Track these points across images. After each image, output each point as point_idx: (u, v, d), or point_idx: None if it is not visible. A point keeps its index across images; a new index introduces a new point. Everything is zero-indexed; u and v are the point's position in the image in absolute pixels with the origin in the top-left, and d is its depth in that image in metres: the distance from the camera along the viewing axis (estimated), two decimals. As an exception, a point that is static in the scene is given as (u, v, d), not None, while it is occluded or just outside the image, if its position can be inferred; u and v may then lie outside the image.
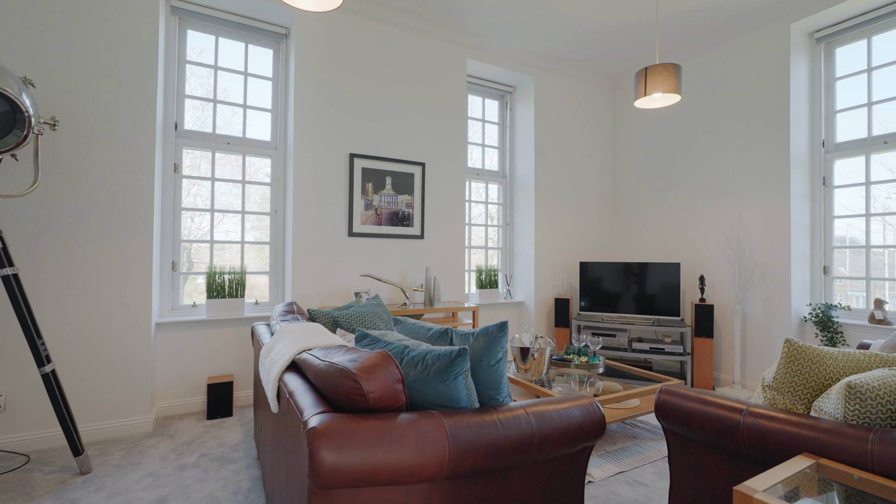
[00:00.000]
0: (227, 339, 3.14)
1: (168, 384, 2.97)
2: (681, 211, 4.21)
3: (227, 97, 3.32)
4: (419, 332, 1.60)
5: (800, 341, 1.39)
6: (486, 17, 3.64)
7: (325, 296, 3.34)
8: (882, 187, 3.20)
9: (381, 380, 1.08)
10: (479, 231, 4.51)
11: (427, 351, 1.28)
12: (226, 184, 3.31)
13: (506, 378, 1.44)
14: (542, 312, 4.42)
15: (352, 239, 3.45)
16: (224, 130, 3.30)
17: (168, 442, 2.53)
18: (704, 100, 4.00)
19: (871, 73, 3.24)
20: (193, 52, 3.22)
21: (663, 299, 3.97)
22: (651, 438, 2.66)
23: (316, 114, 3.33)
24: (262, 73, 3.42)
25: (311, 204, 3.31)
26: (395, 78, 3.64)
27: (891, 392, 1.15)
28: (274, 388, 1.42)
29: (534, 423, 1.24)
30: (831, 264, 3.44)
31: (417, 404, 1.26)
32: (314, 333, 1.64)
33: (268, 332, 2.14)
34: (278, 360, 1.51)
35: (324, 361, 1.20)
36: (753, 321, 3.63)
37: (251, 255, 3.42)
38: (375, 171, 3.54)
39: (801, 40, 3.46)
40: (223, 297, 3.13)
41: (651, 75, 2.57)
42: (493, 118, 4.63)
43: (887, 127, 3.16)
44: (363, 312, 2.34)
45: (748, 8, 3.47)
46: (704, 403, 1.43)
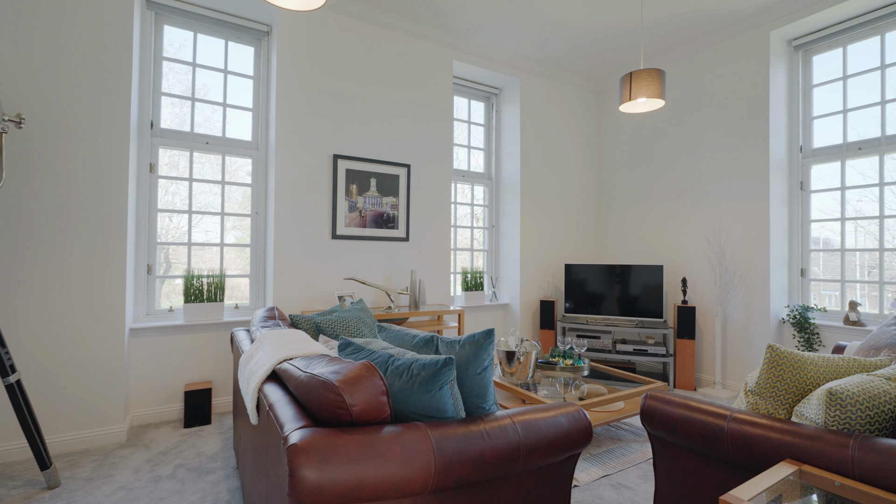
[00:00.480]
0: (205, 344, 3.05)
1: (143, 392, 2.87)
2: (664, 214, 4.26)
3: (207, 95, 3.23)
4: (404, 339, 1.57)
5: (782, 347, 1.41)
6: (473, 18, 3.62)
7: (308, 299, 3.28)
8: (855, 191, 3.29)
9: (364, 392, 1.05)
10: (464, 233, 4.50)
11: (412, 360, 1.25)
12: (205, 184, 3.22)
13: (492, 386, 1.42)
14: (528, 314, 4.43)
15: (335, 241, 3.39)
16: (203, 129, 3.21)
17: (142, 452, 2.44)
18: (687, 104, 4.06)
19: (847, 80, 3.33)
20: (172, 48, 3.12)
21: (647, 301, 4.01)
22: (635, 441, 2.67)
23: (299, 114, 3.26)
24: (242, 71, 3.34)
25: (293, 205, 3.24)
26: (380, 78, 3.59)
27: (870, 398, 1.17)
28: (253, 400, 1.38)
29: (521, 433, 1.22)
30: (808, 267, 3.53)
31: (402, 415, 1.23)
32: (296, 341, 1.60)
33: (248, 339, 2.08)
34: (258, 369, 1.46)
35: (305, 373, 1.16)
36: (734, 322, 3.70)
37: (232, 256, 3.34)
38: (360, 173, 3.49)
39: (780, 48, 3.54)
40: (201, 301, 3.04)
41: (636, 80, 2.59)
42: (479, 120, 4.62)
43: (861, 134, 3.25)
44: (347, 318, 2.29)
45: (729, 15, 3.53)
46: (689, 409, 1.44)
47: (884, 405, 1.15)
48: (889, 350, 1.97)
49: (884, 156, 3.15)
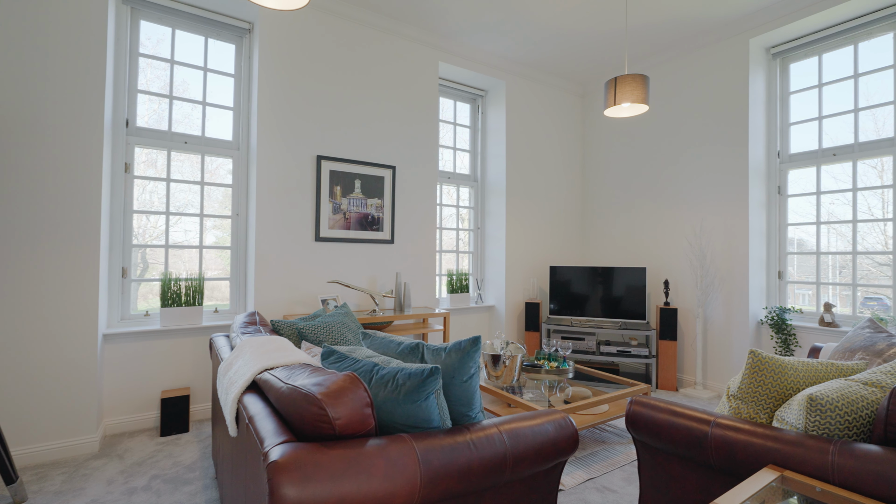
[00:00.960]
0: (183, 349, 2.96)
1: (117, 399, 2.77)
2: (647, 216, 4.32)
3: (186, 93, 3.14)
4: (389, 346, 1.54)
5: (763, 352, 1.43)
6: (458, 19, 3.61)
7: (291, 303, 3.22)
8: (830, 195, 3.39)
9: (348, 405, 1.02)
10: (450, 235, 4.48)
11: (397, 370, 1.23)
12: (185, 184, 3.13)
13: (478, 393, 1.40)
14: (513, 316, 4.43)
15: (319, 244, 3.34)
16: (181, 128, 3.12)
17: (116, 463, 2.35)
18: (670, 109, 4.12)
19: (822, 88, 3.42)
20: (150, 43, 3.02)
21: (630, 303, 4.06)
22: (619, 442, 2.69)
23: (281, 113, 3.20)
24: (223, 68, 3.26)
25: (275, 207, 3.18)
26: (365, 78, 3.55)
27: (848, 403, 1.19)
28: (232, 411, 1.33)
29: (507, 442, 1.21)
30: (785, 269, 3.61)
31: (387, 426, 1.21)
32: (277, 349, 1.55)
33: (227, 346, 2.02)
34: (237, 379, 1.41)
35: (287, 384, 1.12)
36: (714, 324, 3.77)
37: (212, 256, 3.25)
38: (344, 174, 3.44)
39: (759, 55, 3.62)
40: (179, 306, 2.95)
41: (620, 85, 2.61)
42: (465, 121, 4.61)
43: (835, 140, 3.35)
44: (330, 323, 2.25)
45: (711, 22, 3.60)
46: (674, 415, 1.44)
47: (861, 410, 1.18)
48: (863, 352, 2.03)
49: (857, 162, 3.25)
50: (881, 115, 3.16)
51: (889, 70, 3.10)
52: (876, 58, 3.16)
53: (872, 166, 3.21)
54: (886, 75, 3.11)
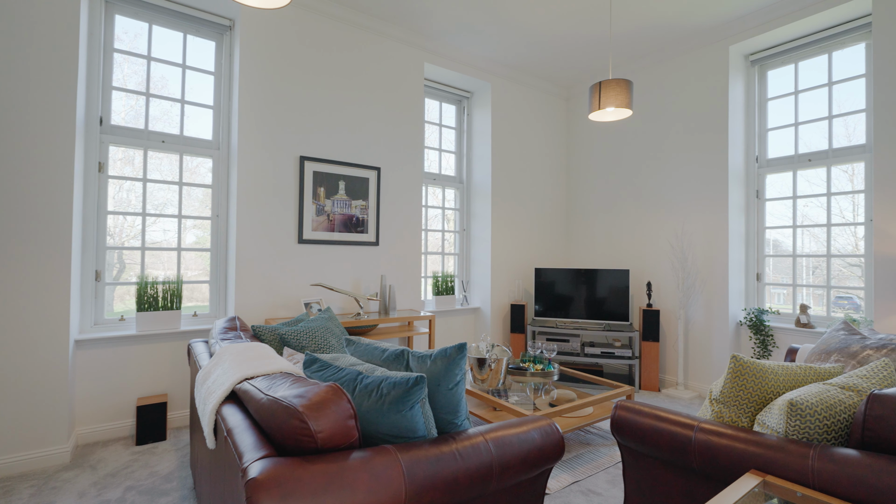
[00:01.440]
0: (160, 354, 2.87)
1: (90, 408, 2.67)
2: (630, 219, 4.37)
3: (165, 90, 3.05)
4: (373, 353, 1.52)
5: (745, 357, 1.45)
6: (444, 21, 3.59)
7: (273, 306, 3.15)
8: (804, 199, 3.48)
9: (331, 417, 0.99)
10: (435, 237, 4.46)
11: (382, 378, 1.21)
12: (163, 184, 3.03)
13: (464, 401, 1.39)
14: (499, 318, 4.44)
15: (302, 246, 3.28)
16: (158, 127, 3.03)
17: (88, 474, 2.27)
18: (652, 113, 4.18)
19: (798, 95, 3.51)
20: (127, 38, 2.92)
21: (613, 304, 4.10)
22: (603, 444, 2.71)
23: (263, 113, 3.13)
24: (202, 66, 3.17)
25: (257, 208, 3.11)
26: (349, 78, 3.50)
27: (827, 408, 1.21)
28: (210, 423, 1.29)
29: (493, 451, 1.20)
30: (763, 271, 3.70)
31: (371, 436, 1.18)
32: (258, 357, 1.51)
33: (206, 352, 1.96)
34: (216, 389, 1.37)
35: (267, 396, 1.09)
36: (695, 325, 3.83)
37: (193, 257, 3.16)
38: (328, 175, 3.39)
39: (738, 62, 3.69)
40: (156, 310, 2.86)
41: (605, 90, 2.63)
42: (451, 123, 4.60)
43: (811, 146, 3.44)
44: (313, 328, 2.21)
45: (692, 29, 3.66)
46: (658, 419, 1.45)
47: (839, 414, 1.20)
48: (838, 354, 2.08)
49: (831, 168, 3.34)
50: (852, 122, 3.26)
51: (861, 79, 3.20)
52: (849, 67, 3.26)
53: (844, 171, 3.31)
54: (858, 84, 3.21)
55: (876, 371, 1.33)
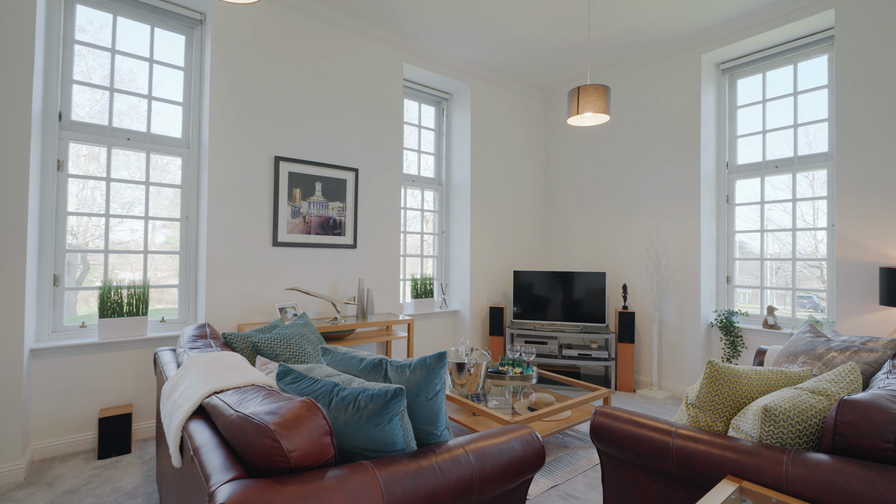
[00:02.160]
0: (125, 363, 2.74)
1: (48, 420, 2.52)
2: (607, 222, 4.44)
3: (133, 85, 2.91)
4: (350, 363, 1.47)
5: (720, 363, 1.47)
6: (424, 21, 3.56)
7: (246, 311, 3.05)
8: (771, 204, 3.60)
9: (305, 435, 0.94)
10: (414, 239, 4.42)
11: (359, 391, 1.17)
12: (129, 184, 2.89)
13: (444, 410, 1.36)
14: (477, 321, 4.43)
15: (277, 249, 3.19)
16: (124, 123, 2.89)
17: (45, 492, 2.13)
18: (628, 118, 4.26)
19: (766, 104, 3.63)
20: (92, 28, 2.78)
21: (590, 307, 4.15)
22: (581, 447, 2.73)
23: (236, 111, 3.03)
24: (171, 61, 3.04)
25: (229, 210, 3.00)
26: (326, 77, 3.43)
27: (799, 413, 1.24)
28: (176, 440, 1.22)
29: (474, 463, 1.17)
30: (733, 274, 3.81)
31: (348, 451, 1.14)
32: (228, 368, 1.45)
33: (174, 362, 1.87)
34: (182, 403, 1.30)
35: (237, 412, 1.03)
36: (669, 327, 3.92)
37: (163, 260, 3.03)
38: (304, 176, 3.30)
39: (710, 70, 3.80)
40: (121, 316, 2.72)
41: (583, 95, 2.65)
42: (430, 124, 4.56)
43: (777, 153, 3.57)
44: (288, 335, 2.14)
45: (666, 37, 3.74)
46: (637, 425, 1.46)
47: (811, 419, 1.23)
48: (805, 356, 2.15)
49: (796, 174, 3.47)
50: (812, 131, 3.40)
51: (823, 90, 3.33)
52: (812, 77, 3.39)
53: (806, 177, 3.45)
54: (821, 94, 3.35)
55: (843, 375, 1.37)
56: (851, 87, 2.95)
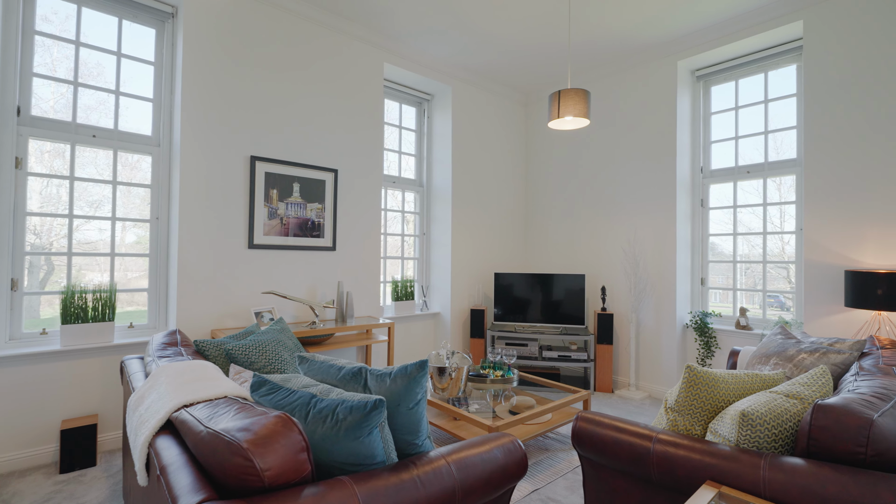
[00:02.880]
0: (90, 371, 2.61)
1: (5, 433, 2.37)
2: (586, 225, 4.49)
3: (100, 79, 2.78)
4: (329, 372, 1.43)
5: (698, 367, 1.49)
6: (405, 21, 3.52)
7: (220, 316, 2.95)
8: (743, 208, 3.71)
9: (279, 452, 0.90)
10: (395, 240, 4.37)
11: (337, 402, 1.13)
12: (96, 183, 2.76)
13: (425, 419, 1.34)
14: (458, 323, 4.41)
15: (253, 251, 3.09)
16: (91, 119, 2.75)
17: (0, 511, 2.01)
18: (607, 122, 4.32)
19: (738, 111, 3.73)
20: (57, 18, 2.64)
21: (570, 308, 4.19)
22: (561, 449, 2.75)
23: (209, 108, 2.93)
24: (140, 55, 2.92)
25: (202, 211, 2.90)
26: (305, 76, 3.35)
27: (774, 417, 1.26)
28: (142, 457, 1.15)
29: (456, 475, 1.15)
30: (707, 276, 3.90)
31: (326, 465, 1.10)
32: (199, 379, 1.38)
33: (141, 371, 1.79)
34: (149, 418, 1.23)
35: (207, 428, 0.98)
36: (646, 328, 3.99)
37: (134, 259, 2.90)
38: (281, 177, 3.22)
39: (685, 76, 3.88)
40: (85, 322, 2.59)
41: (564, 99, 2.66)
42: (411, 125, 4.53)
43: (748, 159, 3.67)
44: (263, 341, 2.07)
45: (644, 43, 3.81)
46: (618, 431, 1.47)
47: (786, 423, 1.25)
48: (777, 358, 2.20)
49: (766, 179, 3.58)
50: (780, 137, 3.51)
51: (792, 98, 3.45)
52: (782, 86, 3.50)
53: (774, 182, 3.56)
54: (790, 102, 3.46)
55: (815, 378, 1.40)
56: (819, 96, 3.06)
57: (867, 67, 2.86)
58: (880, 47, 2.81)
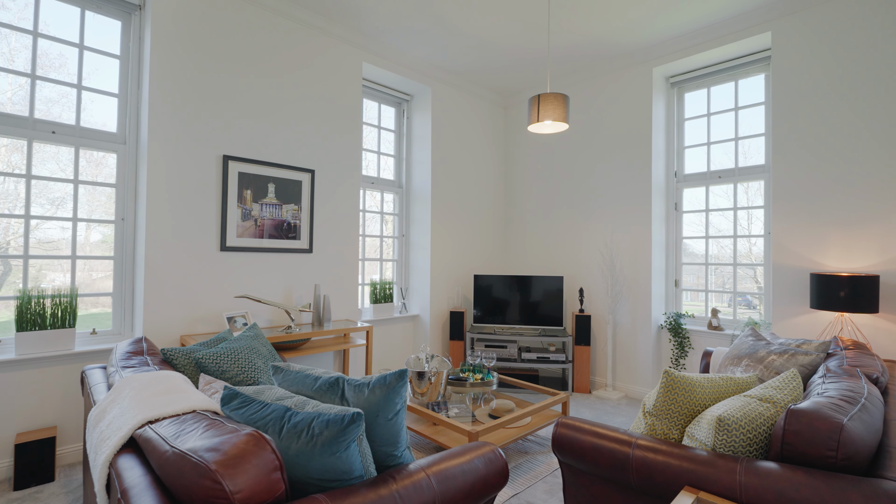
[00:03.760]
0: (48, 381, 2.46)
1: (-49, 449, 2.22)
2: (564, 227, 4.53)
3: (62, 71, 2.63)
4: (304, 382, 1.38)
5: (676, 372, 1.50)
6: (385, 20, 3.47)
7: (191, 321, 2.84)
8: (715, 212, 3.82)
9: (251, 473, 0.86)
10: (373, 242, 4.31)
11: (313, 416, 1.08)
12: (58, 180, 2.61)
13: (405, 430, 1.31)
14: (438, 325, 4.39)
15: (225, 254, 2.99)
16: (51, 114, 2.60)
17: (-55, 534, 1.87)
18: (585, 126, 4.37)
19: (710, 117, 3.84)
20: (15, 6, 2.48)
21: (549, 310, 4.22)
22: (540, 452, 2.75)
23: (179, 106, 2.81)
24: (105, 48, 2.78)
25: (171, 211, 2.78)
26: (281, 74, 3.26)
27: (749, 421, 1.28)
28: (102, 478, 1.08)
29: (436, 488, 1.12)
30: (681, 278, 4.00)
31: (300, 483, 1.06)
32: (166, 392, 1.32)
33: (104, 382, 1.69)
34: (110, 435, 1.16)
35: (173, 448, 0.93)
36: (622, 329, 4.05)
37: (98, 263, 2.76)
38: (256, 177, 3.12)
39: (660, 83, 3.96)
40: (43, 329, 2.45)
41: (543, 103, 2.67)
42: (390, 125, 4.48)
43: (719, 164, 3.78)
44: (236, 349, 1.99)
45: (621, 49, 3.87)
46: (598, 437, 1.47)
47: (760, 427, 1.28)
48: (748, 359, 2.26)
49: (737, 184, 3.69)
50: (748, 144, 3.63)
51: (761, 106, 3.56)
52: (751, 94, 3.62)
53: (743, 187, 3.68)
54: (759, 110, 3.58)
55: (787, 382, 1.44)
56: (785, 105, 3.17)
57: (830, 79, 2.98)
58: (842, 60, 2.94)
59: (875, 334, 2.79)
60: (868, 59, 2.84)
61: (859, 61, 2.87)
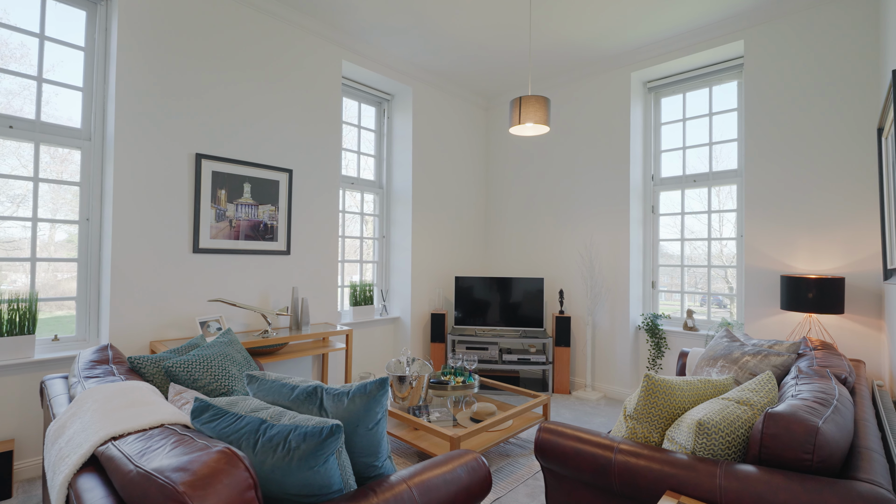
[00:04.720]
0: (5, 391, 2.32)
1: None
2: (545, 229, 4.56)
3: (23, 62, 2.48)
4: (281, 392, 1.33)
5: (656, 375, 1.52)
6: (365, 18, 3.42)
7: (161, 327, 2.73)
8: (690, 215, 3.91)
9: (223, 493, 0.81)
10: (353, 243, 4.24)
11: (290, 429, 1.04)
12: (17, 180, 2.46)
13: (385, 439, 1.27)
14: (419, 328, 4.35)
15: (198, 256, 2.89)
16: (11, 107, 2.45)
17: None
18: (565, 129, 4.41)
19: (686, 122, 3.92)
20: None
21: (529, 311, 4.24)
22: (521, 454, 2.75)
23: (149, 101, 2.70)
24: (68, 39, 2.64)
25: (139, 212, 2.67)
26: (258, 70, 3.17)
27: (728, 424, 1.30)
28: (61, 499, 1.01)
29: (418, 500, 1.10)
30: (658, 279, 4.07)
31: (276, 499, 1.01)
32: (131, 404, 1.25)
33: (65, 394, 1.60)
34: (70, 452, 1.09)
35: (137, 468, 0.87)
36: (601, 330, 4.10)
37: (63, 263, 2.61)
38: (231, 176, 3.03)
39: (638, 88, 4.03)
40: (0, 336, 2.31)
41: (525, 106, 2.67)
42: (370, 125, 4.41)
43: (694, 168, 3.87)
44: (209, 356, 1.91)
45: (601, 53, 3.92)
46: (580, 441, 1.47)
47: (738, 430, 1.29)
48: (723, 360, 2.31)
49: (711, 188, 3.78)
50: (723, 149, 3.73)
51: (734, 112, 3.66)
52: (725, 100, 3.72)
53: (715, 191, 3.78)
54: (732, 116, 3.68)
55: (763, 384, 1.47)
56: (757, 111, 3.26)
57: (800, 86, 3.09)
58: (811, 69, 3.04)
59: (841, 334, 2.90)
60: (836, 67, 2.95)
61: (828, 70, 2.98)
